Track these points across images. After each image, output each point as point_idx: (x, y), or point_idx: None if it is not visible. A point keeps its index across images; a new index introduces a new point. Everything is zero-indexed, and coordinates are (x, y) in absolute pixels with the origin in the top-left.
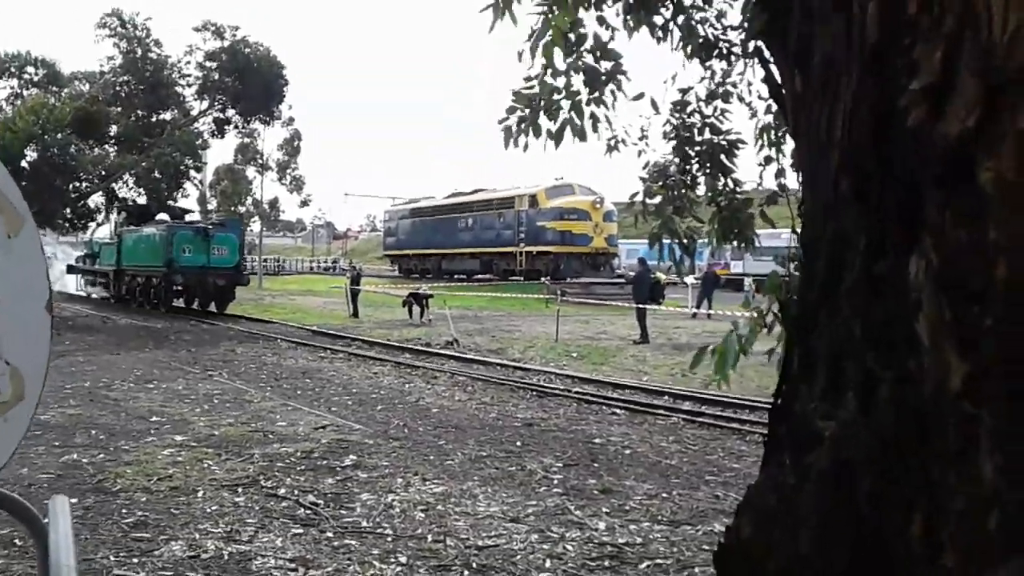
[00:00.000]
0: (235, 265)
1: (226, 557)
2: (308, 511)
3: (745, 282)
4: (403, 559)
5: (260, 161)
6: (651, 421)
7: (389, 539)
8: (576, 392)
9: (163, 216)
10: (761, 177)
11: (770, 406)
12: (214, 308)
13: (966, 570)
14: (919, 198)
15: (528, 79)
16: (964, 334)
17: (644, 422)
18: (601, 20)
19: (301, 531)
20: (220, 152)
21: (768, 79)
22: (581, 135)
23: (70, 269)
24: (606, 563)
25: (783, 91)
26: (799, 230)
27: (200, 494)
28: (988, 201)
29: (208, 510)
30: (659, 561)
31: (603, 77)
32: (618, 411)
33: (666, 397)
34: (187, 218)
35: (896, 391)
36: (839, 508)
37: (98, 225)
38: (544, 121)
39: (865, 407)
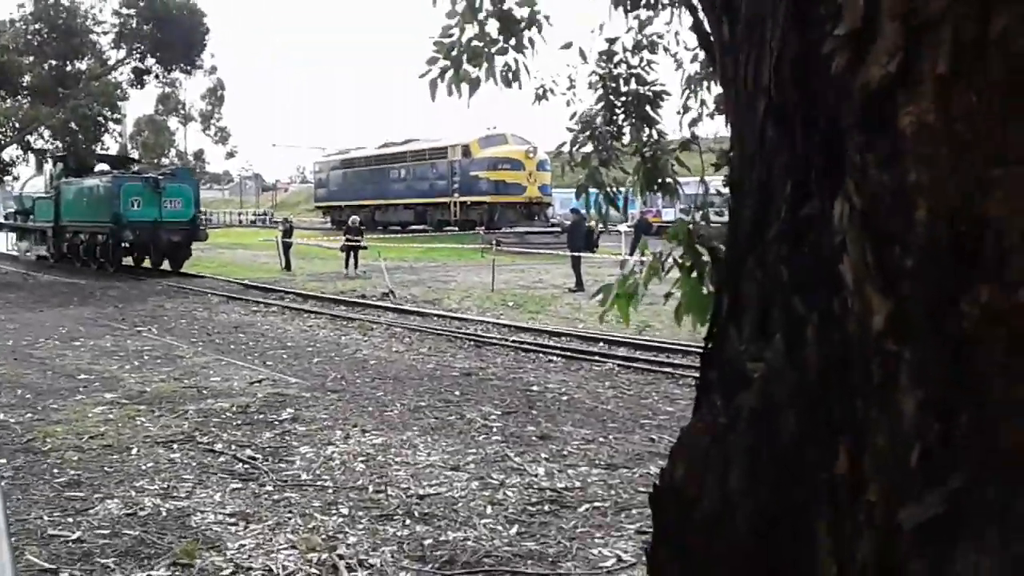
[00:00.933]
0: (191, 219)
1: (164, 514)
2: (246, 466)
3: None
4: (344, 510)
5: (183, 112)
6: (587, 367)
7: (330, 491)
8: (513, 341)
9: (103, 166)
10: (680, 125)
11: (701, 350)
12: (168, 267)
13: (888, 503)
14: (842, 143)
15: (447, 27)
16: (886, 275)
17: (580, 369)
18: None
19: (240, 486)
20: (140, 103)
21: (696, 27)
22: (506, 81)
23: None
24: (546, 507)
25: (711, 39)
26: (722, 177)
27: (134, 451)
28: (908, 144)
29: (143, 467)
30: (597, 504)
31: (520, 24)
32: (555, 358)
33: (601, 344)
34: (133, 168)
35: (821, 332)
36: (767, 447)
37: (28, 179)
38: (472, 69)
39: (792, 348)
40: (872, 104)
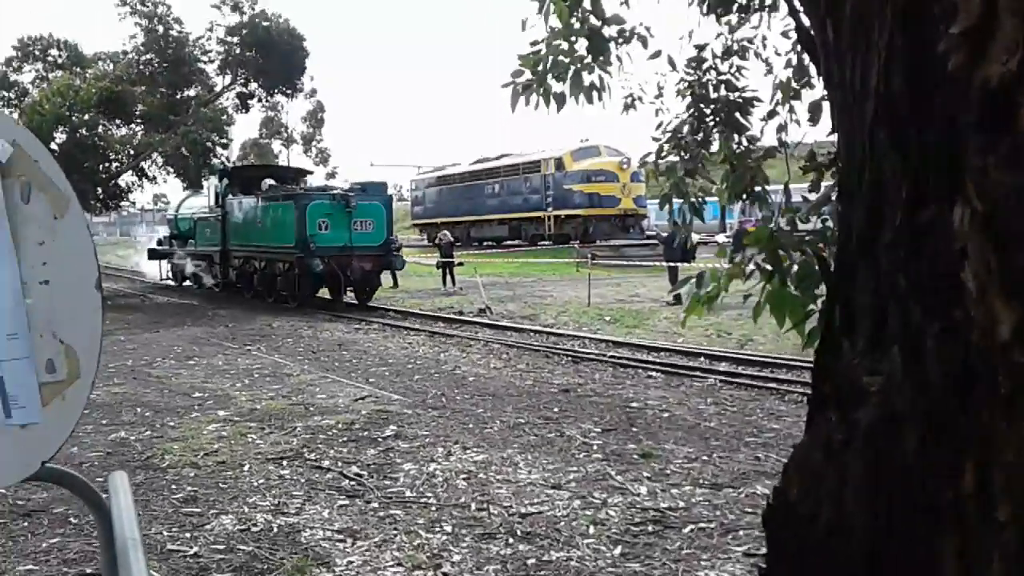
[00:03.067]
0: (383, 243)
1: (275, 529)
2: (352, 482)
3: None
4: (448, 528)
5: (285, 134)
6: (687, 383)
7: (433, 508)
8: (611, 356)
9: (269, 181)
10: (761, 132)
11: (811, 364)
12: (352, 298)
13: (1020, 523)
14: (960, 145)
15: (535, 43)
16: (1011, 281)
17: (680, 384)
18: None
19: (347, 502)
20: (245, 127)
21: (799, 29)
22: (588, 97)
23: (152, 254)
24: (649, 528)
25: (813, 42)
26: (808, 183)
27: (246, 468)
28: None
29: (255, 484)
30: (703, 525)
31: (608, 41)
32: (654, 374)
33: (702, 358)
34: (307, 180)
35: (942, 343)
36: (887, 463)
37: (184, 198)
38: (555, 83)
39: (911, 360)
40: (991, 103)
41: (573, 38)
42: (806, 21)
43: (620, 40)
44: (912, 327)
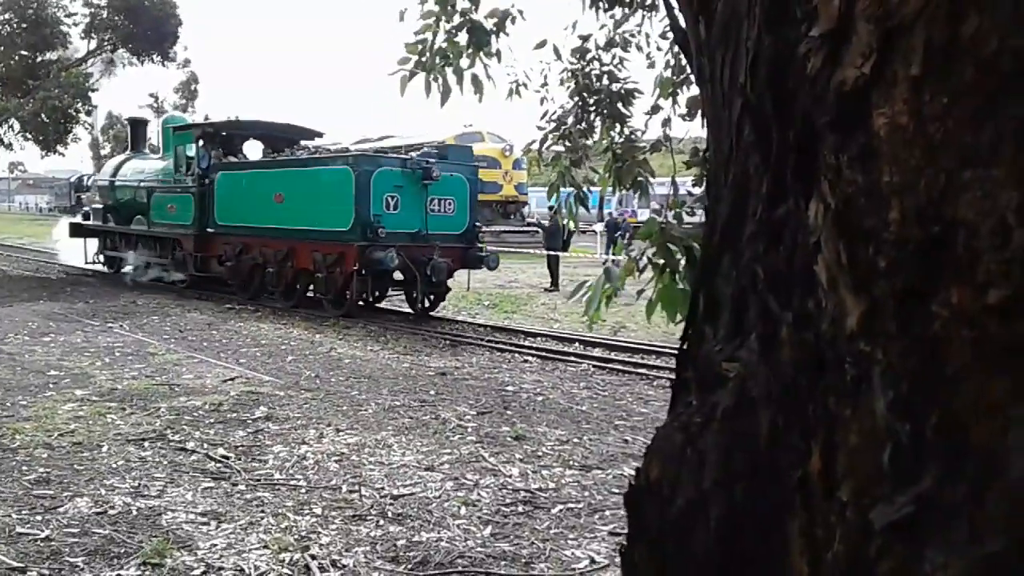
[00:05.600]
0: (467, 230)
1: (134, 512)
2: (218, 464)
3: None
4: (318, 510)
5: (155, 104)
6: (562, 368)
7: (303, 491)
8: (488, 340)
9: (254, 144)
10: (646, 126)
11: (676, 350)
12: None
13: (860, 502)
14: (816, 143)
15: (419, 32)
16: (859, 275)
17: (555, 369)
18: None
19: (212, 484)
20: (114, 95)
21: (673, 25)
22: (475, 88)
23: (76, 231)
24: (520, 508)
25: (687, 38)
26: (692, 177)
27: (104, 449)
28: (882, 145)
29: (114, 465)
30: (571, 505)
31: (488, 34)
32: (530, 359)
33: (577, 344)
34: (314, 142)
35: (795, 331)
36: (741, 445)
37: (123, 160)
38: (446, 71)
39: (766, 348)
40: (846, 105)
41: (454, 31)
42: (681, 19)
43: (500, 32)
44: (768, 316)
